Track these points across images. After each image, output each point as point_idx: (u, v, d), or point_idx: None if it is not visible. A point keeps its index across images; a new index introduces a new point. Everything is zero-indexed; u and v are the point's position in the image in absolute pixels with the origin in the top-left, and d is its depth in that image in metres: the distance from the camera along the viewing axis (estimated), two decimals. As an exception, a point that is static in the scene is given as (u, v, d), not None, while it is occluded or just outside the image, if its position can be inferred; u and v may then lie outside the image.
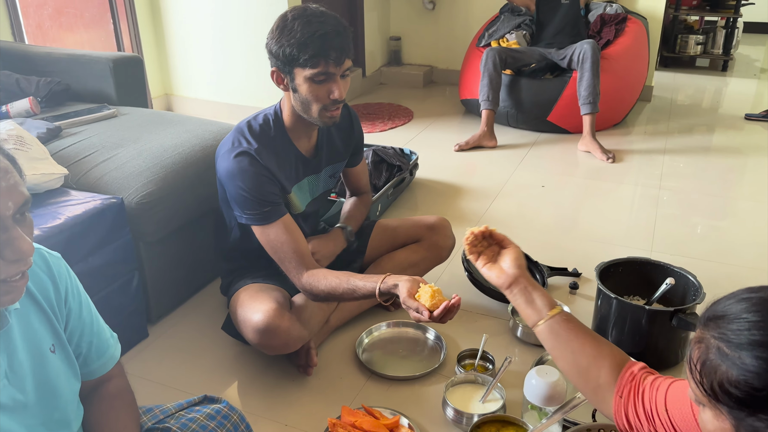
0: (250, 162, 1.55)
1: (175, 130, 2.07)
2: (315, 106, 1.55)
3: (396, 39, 4.71)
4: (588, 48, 3.22)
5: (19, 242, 0.80)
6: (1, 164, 0.80)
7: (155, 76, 3.87)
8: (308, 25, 1.47)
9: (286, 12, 1.52)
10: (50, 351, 0.96)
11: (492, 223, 2.51)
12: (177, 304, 1.99)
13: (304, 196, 1.75)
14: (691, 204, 2.72)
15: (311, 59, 1.47)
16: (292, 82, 1.54)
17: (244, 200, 1.55)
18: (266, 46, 1.54)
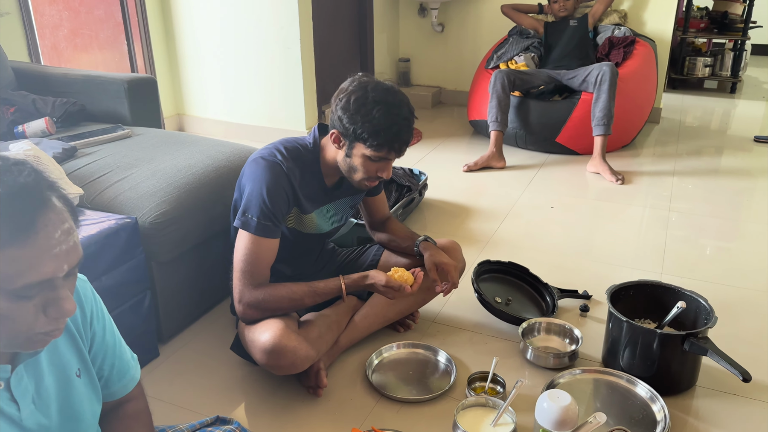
0: (278, 174, 1.60)
1: (188, 151, 2.10)
2: (359, 175, 1.63)
3: (405, 60, 4.76)
4: (607, 70, 3.24)
5: (64, 302, 0.81)
6: (66, 224, 0.80)
7: (168, 96, 3.92)
8: (386, 116, 1.52)
9: (366, 87, 1.55)
10: (76, 375, 0.97)
11: (501, 245, 2.53)
12: (187, 324, 2.00)
13: (325, 222, 1.81)
14: (701, 226, 2.71)
15: (378, 146, 1.54)
16: (349, 150, 1.59)
17: (256, 204, 1.58)
18: (335, 111, 1.58)
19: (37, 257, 0.76)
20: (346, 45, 4.23)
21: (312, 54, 3.62)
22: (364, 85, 1.55)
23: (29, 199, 0.76)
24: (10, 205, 0.74)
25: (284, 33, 3.48)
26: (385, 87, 1.56)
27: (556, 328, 1.91)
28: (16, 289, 0.76)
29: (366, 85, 1.55)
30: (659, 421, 1.53)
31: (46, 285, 0.78)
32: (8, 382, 0.87)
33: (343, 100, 1.56)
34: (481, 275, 2.10)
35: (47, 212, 0.77)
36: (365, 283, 1.66)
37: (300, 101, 3.62)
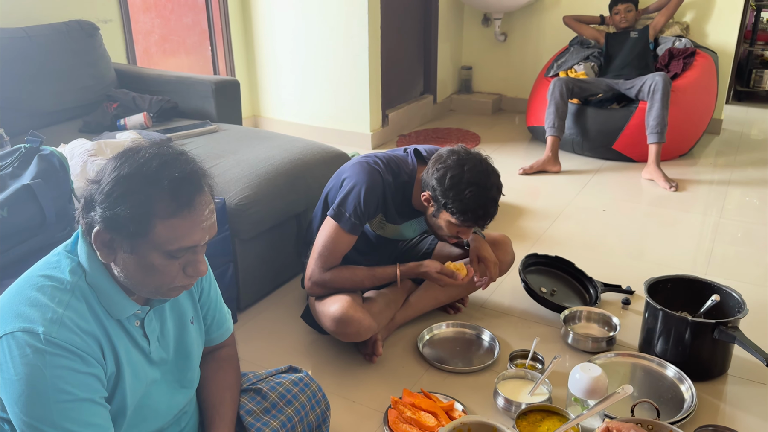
0: (377, 181, 1.79)
1: (268, 145, 2.36)
2: (441, 232, 1.81)
3: (467, 68, 4.94)
4: (660, 80, 3.33)
5: (200, 265, 1.06)
6: (211, 205, 1.05)
7: (245, 98, 4.24)
8: (477, 198, 1.65)
9: (464, 166, 1.65)
10: (190, 322, 1.22)
11: (551, 242, 2.69)
12: (263, 295, 2.25)
13: (408, 231, 2.00)
14: (750, 233, 2.77)
15: (465, 221, 1.70)
16: (436, 212, 1.75)
17: (353, 201, 1.77)
18: (430, 179, 1.70)
19: (191, 228, 1.01)
20: (411, 53, 4.45)
21: (378, 61, 3.86)
22: (462, 163, 1.67)
23: (193, 183, 1.01)
24: (181, 186, 0.99)
25: (354, 41, 3.74)
26: (481, 169, 1.67)
27: (596, 317, 2.05)
28: (171, 251, 1.01)
29: (464, 164, 1.66)
30: (686, 400, 1.66)
31: (191, 250, 1.03)
32: (143, 322, 1.12)
33: (440, 171, 1.68)
34: (529, 267, 2.26)
35: (202, 194, 1.03)
36: (420, 270, 1.84)
37: (366, 105, 3.86)
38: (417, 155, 1.89)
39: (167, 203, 0.98)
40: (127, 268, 1.01)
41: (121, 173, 0.98)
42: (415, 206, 1.89)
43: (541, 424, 1.54)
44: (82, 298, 1.02)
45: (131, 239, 0.98)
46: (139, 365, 1.10)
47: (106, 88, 2.84)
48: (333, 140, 4.01)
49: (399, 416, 1.61)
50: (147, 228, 0.97)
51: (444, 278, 1.82)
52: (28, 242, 1.65)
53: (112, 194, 0.97)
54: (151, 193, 0.97)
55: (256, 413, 1.33)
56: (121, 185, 0.97)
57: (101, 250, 1.01)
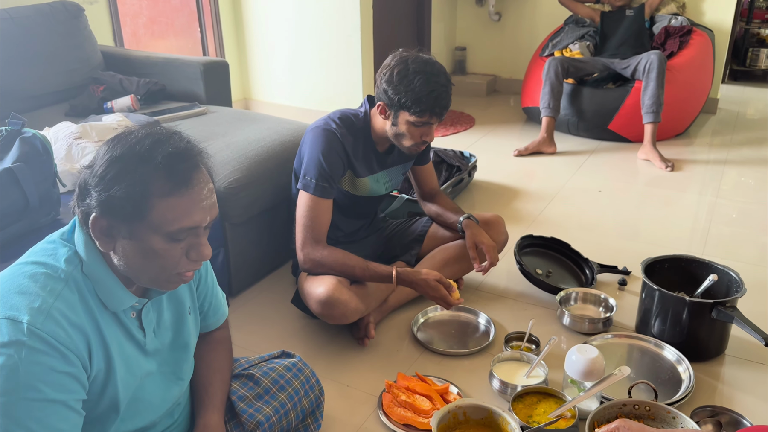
0: (333, 140, 1.80)
1: (257, 127, 2.31)
2: (406, 141, 1.80)
3: (461, 49, 4.88)
4: (655, 58, 3.29)
5: (204, 248, 1.02)
6: (210, 184, 1.01)
7: (236, 81, 4.18)
8: (426, 84, 1.68)
9: (407, 60, 1.72)
10: (188, 313, 1.19)
11: (547, 223, 2.66)
12: (254, 281, 2.22)
13: (378, 186, 1.98)
14: (747, 213, 2.75)
15: (421, 112, 1.71)
16: (394, 118, 1.77)
17: (314, 167, 1.78)
18: (380, 84, 1.76)
19: (190, 207, 0.97)
20: (404, 33, 4.38)
21: (371, 42, 3.79)
22: (404, 59, 1.72)
23: (188, 160, 0.97)
24: (176, 163, 0.95)
25: (346, 21, 3.67)
26: (424, 59, 1.73)
27: (592, 298, 2.03)
28: (171, 232, 0.96)
29: (406, 59, 1.72)
30: (684, 380, 1.64)
31: (192, 232, 0.99)
32: (139, 313, 1.08)
33: (387, 74, 1.73)
34: (524, 248, 2.23)
35: (199, 172, 0.99)
36: (418, 278, 1.76)
37: (359, 86, 3.81)
38: (369, 100, 1.90)
39: (163, 181, 0.94)
40: (128, 255, 0.98)
41: (113, 154, 0.94)
42: (379, 149, 1.90)
43: (537, 406, 1.52)
44: (75, 290, 0.98)
45: (130, 223, 0.95)
46: (133, 359, 1.06)
47: (92, 71, 2.78)
48: (325, 123, 3.96)
49: (393, 400, 1.59)
50: (145, 208, 0.94)
51: (441, 289, 1.75)
52: (11, 227, 1.61)
53: (106, 176, 0.93)
54: (146, 170, 0.93)
55: (248, 399, 1.31)
56: (115, 166, 0.94)
57: (100, 238, 0.97)
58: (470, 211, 2.09)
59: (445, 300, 1.77)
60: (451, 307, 1.82)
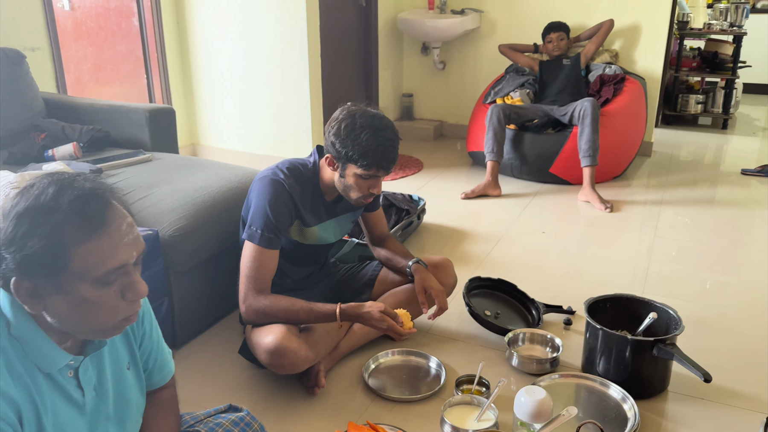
0: (281, 190, 1.80)
1: (204, 173, 2.29)
2: (354, 193, 1.82)
3: (408, 96, 5.00)
4: (588, 105, 3.45)
5: (138, 286, 0.97)
6: (128, 219, 0.97)
7: (183, 126, 4.15)
8: (374, 138, 1.72)
9: (355, 114, 1.76)
10: (126, 368, 1.14)
11: (493, 265, 2.70)
12: (200, 331, 2.16)
13: (327, 234, 1.98)
14: (684, 251, 2.87)
15: (368, 165, 1.74)
16: (342, 170, 1.80)
17: (260, 217, 1.77)
18: (328, 137, 1.79)
19: (112, 246, 0.93)
20: (353, 80, 4.47)
21: (320, 88, 3.85)
22: (352, 113, 1.76)
23: (98, 200, 0.94)
24: (85, 206, 0.92)
25: (294, 69, 3.72)
26: (371, 114, 1.77)
27: (539, 338, 2.06)
28: (99, 277, 0.92)
29: (354, 113, 1.76)
30: (629, 418, 1.67)
31: (122, 271, 0.95)
32: (77, 371, 1.02)
33: (334, 127, 1.76)
34: (472, 290, 2.26)
35: (113, 209, 0.95)
36: (361, 312, 1.76)
37: (308, 132, 3.84)
38: (318, 150, 1.91)
39: (77, 227, 0.90)
40: (62, 311, 0.93)
41: (18, 210, 0.90)
42: (327, 199, 1.91)
43: (488, 450, 1.51)
44: (2, 355, 0.92)
45: (54, 278, 0.90)
46: (69, 422, 1.00)
47: (33, 118, 2.72)
48: (275, 168, 3.96)
49: (344, 451, 1.56)
50: (65, 259, 0.90)
51: (387, 320, 1.76)
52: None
53: (16, 235, 0.89)
54: (56, 220, 0.89)
55: (194, 458, 1.26)
56: (23, 223, 0.89)
57: (27, 301, 0.92)
58: (420, 254, 2.12)
59: (393, 330, 1.77)
60: (403, 337, 1.81)
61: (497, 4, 4.46)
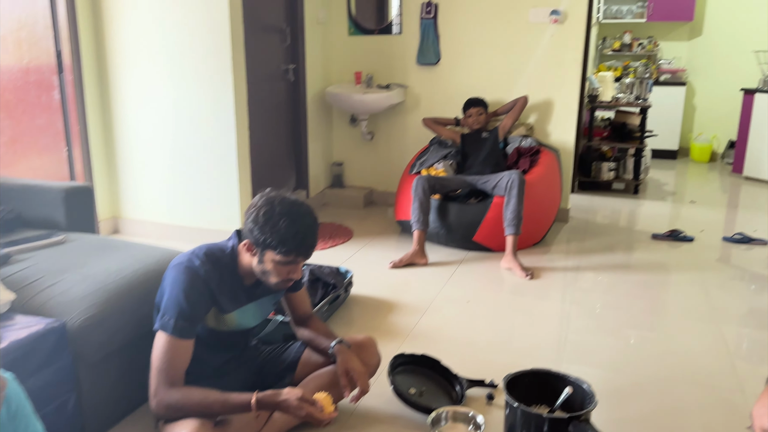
0: (196, 278, 1.77)
1: (120, 255, 2.23)
2: (273, 279, 1.82)
3: (338, 164, 5.08)
4: (516, 177, 3.61)
5: None
6: None
7: (104, 198, 4.05)
8: (292, 225, 1.74)
9: (273, 201, 1.77)
10: None
11: (420, 338, 2.72)
12: (112, 424, 2.05)
13: (247, 319, 1.95)
14: (600, 318, 2.98)
15: (287, 252, 1.75)
16: (261, 256, 1.80)
17: (173, 306, 1.73)
18: (246, 223, 1.79)
19: None
20: (282, 150, 4.51)
21: (248, 160, 3.86)
22: (271, 200, 1.78)
23: None
24: None
25: (222, 140, 3.73)
26: (290, 200, 1.79)
27: (462, 416, 2.07)
28: None
29: (273, 200, 1.78)
30: (547, 498, 1.69)
31: None
32: None
33: (253, 213, 1.77)
34: (397, 368, 2.26)
35: None
36: (278, 400, 1.71)
37: (236, 204, 3.82)
38: (238, 234, 1.91)
39: None
40: None
41: None
42: (246, 283, 1.89)
43: None
44: None
45: None
46: None
47: (-64, 198, 2.59)
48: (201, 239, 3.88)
49: None
50: None
51: (306, 407, 1.71)
52: None
53: None
54: None
55: None
56: None
57: None
58: (347, 329, 2.11)
59: (312, 417, 1.73)
60: (323, 423, 1.76)
61: (421, 80, 4.67)
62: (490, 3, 4.37)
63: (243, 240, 1.85)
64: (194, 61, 3.65)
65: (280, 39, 4.32)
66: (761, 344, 2.73)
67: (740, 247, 4.05)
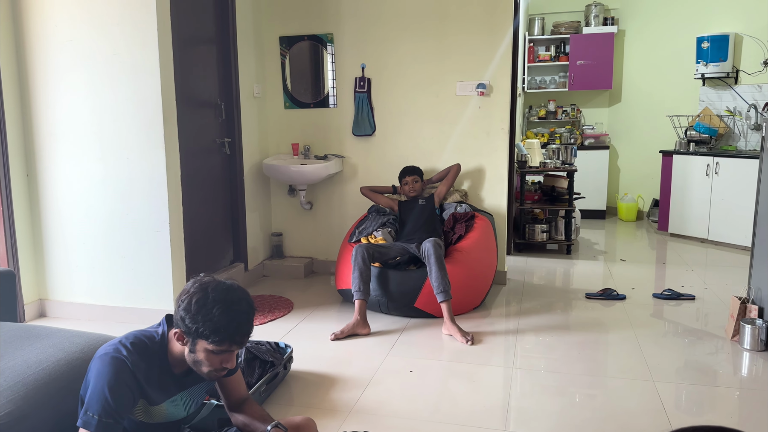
0: (121, 370, 1.68)
1: (41, 345, 2.12)
2: (206, 368, 1.75)
3: (278, 235, 5.05)
4: (429, 246, 3.67)
5: None
6: None
7: (30, 281, 3.87)
8: (226, 313, 1.66)
9: (207, 288, 1.69)
10: None
11: (362, 414, 2.67)
12: None
13: (178, 410, 1.87)
14: (540, 382, 3.01)
15: (220, 342, 1.68)
16: (192, 346, 1.72)
17: (97, 401, 1.64)
18: (178, 311, 1.71)
19: None
20: (219, 223, 4.46)
21: (181, 235, 3.79)
22: (204, 286, 1.71)
23: None
24: None
25: (154, 216, 3.66)
26: (225, 286, 1.73)
27: (405, 495, 2.02)
28: None
29: (206, 286, 1.71)
30: None
31: None
32: None
33: (185, 301, 1.70)
34: (338, 448, 2.19)
35: None
36: None
37: (168, 281, 3.71)
38: (168, 320, 1.84)
39: None
40: None
41: None
42: (176, 371, 1.81)
43: None
44: None
45: None
46: None
47: None
48: (133, 319, 3.75)
49: None
50: None
51: None
52: None
53: None
54: None
55: None
56: None
57: None
58: (287, 408, 2.05)
59: None
60: None
61: (357, 150, 4.78)
62: (419, 77, 4.56)
63: (173, 327, 1.79)
64: (125, 137, 3.62)
65: (215, 113, 4.35)
66: (697, 398, 2.81)
67: (670, 303, 4.22)
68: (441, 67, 4.51)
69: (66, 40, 3.63)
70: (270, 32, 4.86)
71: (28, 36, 3.69)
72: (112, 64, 3.57)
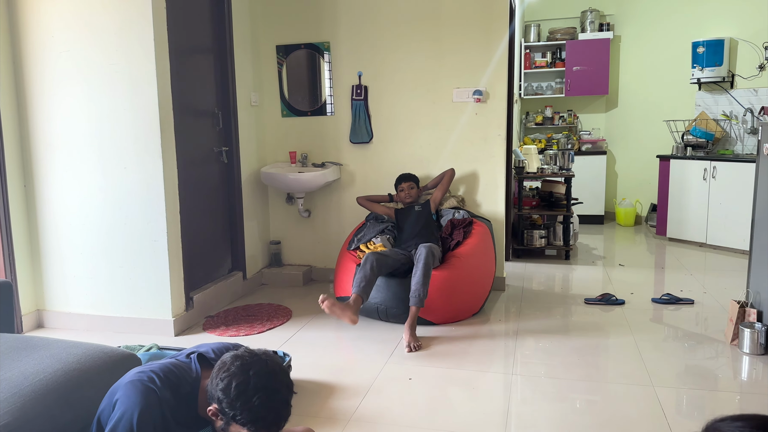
0: (152, 402, 1.66)
1: (38, 356, 2.11)
2: None
3: (276, 243, 5.05)
4: (423, 250, 3.65)
5: None
6: None
7: (28, 291, 3.86)
8: (267, 402, 1.58)
9: (249, 371, 1.60)
10: None
11: (362, 422, 2.66)
12: None
13: None
14: (541, 388, 3.00)
15: (256, 430, 1.61)
16: (226, 425, 1.64)
17: (124, 428, 1.62)
18: (215, 390, 1.62)
19: None
20: (217, 232, 4.46)
21: (179, 244, 3.79)
22: (246, 368, 1.61)
23: None
24: None
25: (152, 225, 3.66)
26: (267, 370, 1.63)
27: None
28: None
29: (249, 369, 1.61)
30: None
31: None
32: None
33: (224, 380, 1.61)
34: (337, 456, 2.18)
35: None
36: None
37: (167, 291, 3.71)
38: (201, 360, 1.81)
39: None
40: None
41: None
42: (201, 416, 1.78)
43: None
44: None
45: None
46: None
47: None
48: (131, 329, 3.74)
49: None
50: None
51: None
52: None
53: None
54: None
55: None
56: None
57: None
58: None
59: None
60: None
61: (355, 157, 4.78)
62: (416, 84, 4.58)
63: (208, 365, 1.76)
64: (122, 147, 3.62)
65: (213, 122, 4.35)
66: (698, 402, 2.80)
67: (669, 307, 4.21)
68: (437, 74, 4.52)
69: (63, 50, 3.64)
70: (267, 41, 4.87)
71: (25, 46, 3.70)
72: (109, 73, 3.58)
